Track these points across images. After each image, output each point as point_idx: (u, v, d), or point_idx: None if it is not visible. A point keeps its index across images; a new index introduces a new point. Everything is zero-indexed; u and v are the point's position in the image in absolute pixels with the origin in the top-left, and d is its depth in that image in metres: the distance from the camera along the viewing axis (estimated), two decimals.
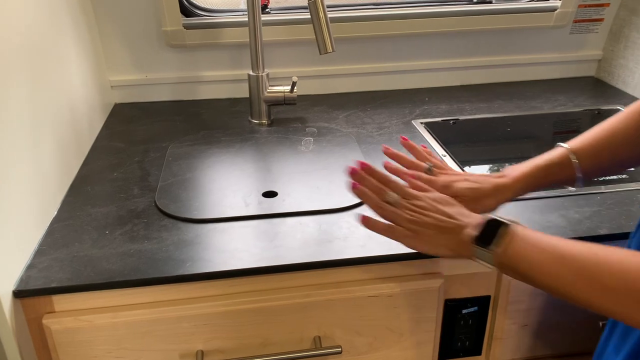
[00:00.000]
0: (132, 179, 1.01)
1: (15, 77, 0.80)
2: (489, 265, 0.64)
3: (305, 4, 1.03)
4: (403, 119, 1.27)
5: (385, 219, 0.73)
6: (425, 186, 0.77)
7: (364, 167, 0.77)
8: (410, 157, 0.87)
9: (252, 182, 0.99)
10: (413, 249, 0.72)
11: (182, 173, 1.02)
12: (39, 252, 0.80)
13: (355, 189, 0.75)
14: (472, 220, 0.67)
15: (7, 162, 0.74)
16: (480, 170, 1.06)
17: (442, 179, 0.80)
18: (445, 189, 0.77)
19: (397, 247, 0.80)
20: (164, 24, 1.24)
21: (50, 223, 0.87)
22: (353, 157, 1.07)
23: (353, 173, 0.76)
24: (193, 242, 0.82)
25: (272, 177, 1.01)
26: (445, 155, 1.08)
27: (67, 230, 0.85)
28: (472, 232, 0.65)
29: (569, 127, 1.25)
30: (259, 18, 1.16)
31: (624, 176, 0.98)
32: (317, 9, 1.01)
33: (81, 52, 1.12)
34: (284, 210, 0.90)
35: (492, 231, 0.62)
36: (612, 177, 0.97)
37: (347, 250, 0.80)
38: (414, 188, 0.75)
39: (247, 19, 1.17)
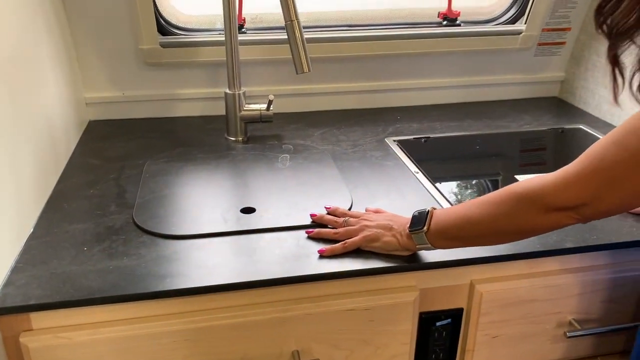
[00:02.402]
0: (108, 195, 1.01)
1: None
2: (427, 245, 0.80)
3: (281, 24, 1.06)
4: (376, 136, 1.30)
5: (342, 238, 0.86)
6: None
7: (326, 209, 0.95)
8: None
9: (230, 198, 1.01)
10: (370, 249, 0.84)
11: (159, 190, 1.03)
12: (16, 269, 0.79)
13: (310, 235, 0.89)
14: (404, 219, 0.85)
15: None
16: (450, 186, 1.09)
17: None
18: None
19: (372, 262, 0.82)
20: (141, 42, 1.25)
21: (27, 240, 0.87)
22: (329, 173, 1.10)
23: (312, 217, 0.93)
24: (172, 258, 0.83)
25: (249, 194, 1.03)
26: (417, 172, 1.12)
27: (45, 247, 0.85)
28: (407, 225, 0.82)
29: (535, 145, 1.30)
30: (236, 37, 1.18)
31: None
32: (294, 30, 1.04)
33: (57, 69, 1.12)
34: (262, 226, 0.91)
35: (419, 218, 0.81)
36: None
37: (324, 265, 0.82)
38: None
39: (223, 38, 1.19)
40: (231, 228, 0.90)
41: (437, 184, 1.07)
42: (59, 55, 1.14)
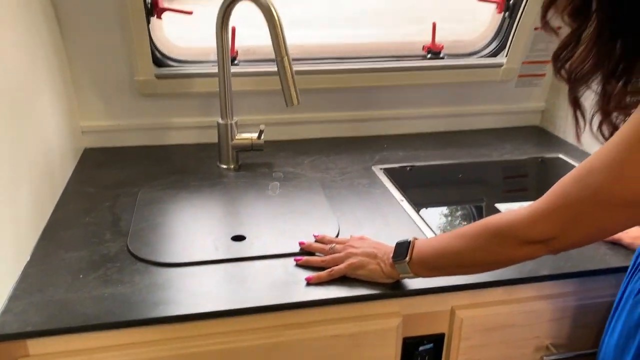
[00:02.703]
0: (103, 223, 1.04)
1: None
2: (410, 274, 0.84)
3: (272, 56, 1.11)
4: (364, 164, 1.35)
5: (329, 265, 0.89)
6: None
7: (315, 236, 0.99)
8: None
9: (221, 226, 1.05)
10: (355, 277, 0.88)
11: (153, 218, 1.06)
12: (14, 297, 0.82)
13: (298, 262, 0.93)
14: (387, 247, 0.88)
15: None
16: (434, 213, 1.14)
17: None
18: None
19: (357, 290, 0.86)
20: (137, 74, 1.30)
21: (24, 268, 0.90)
22: (317, 200, 1.14)
23: (301, 245, 0.97)
24: (165, 285, 0.86)
25: (240, 221, 1.07)
26: (402, 200, 1.16)
27: (42, 274, 0.88)
28: (390, 254, 0.86)
29: (515, 173, 1.36)
30: (229, 69, 1.24)
31: None
32: (284, 66, 1.09)
33: (55, 99, 1.17)
34: (252, 253, 0.95)
35: (401, 248, 0.85)
36: None
37: (311, 292, 0.86)
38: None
39: (217, 70, 1.24)
40: (222, 256, 0.94)
41: (421, 212, 1.11)
42: (56, 85, 1.18)
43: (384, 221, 1.08)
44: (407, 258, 0.83)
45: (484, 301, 0.92)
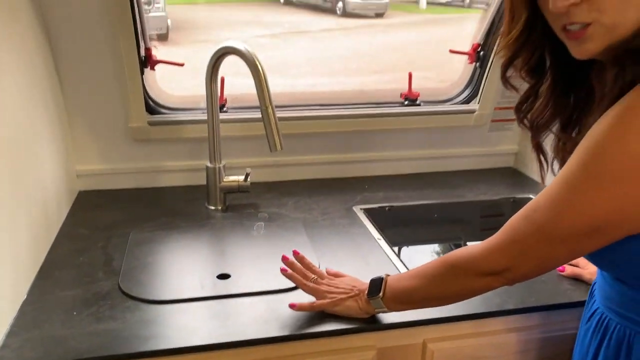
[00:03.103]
0: (96, 263, 1.10)
1: None
2: (384, 309, 0.90)
3: (259, 104, 1.19)
4: (345, 205, 1.42)
5: (309, 293, 0.96)
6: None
7: (295, 253, 1.02)
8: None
9: (208, 265, 1.11)
10: (334, 313, 0.93)
11: (143, 257, 1.12)
12: (11, 333, 0.88)
13: (284, 272, 0.98)
14: (364, 285, 0.94)
15: None
16: (410, 251, 1.21)
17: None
18: None
19: (334, 324, 0.92)
20: (131, 121, 1.38)
21: (21, 305, 0.95)
22: (299, 240, 1.21)
23: (284, 260, 1.00)
24: (154, 321, 0.92)
25: (226, 260, 1.13)
26: (380, 239, 1.23)
27: (38, 312, 0.93)
28: (365, 292, 0.92)
29: (489, 212, 1.43)
30: (217, 116, 1.32)
31: None
32: (268, 115, 1.18)
33: (53, 144, 1.24)
34: (236, 291, 1.01)
35: (375, 285, 0.91)
36: None
37: (291, 327, 0.92)
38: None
39: (206, 117, 1.32)
40: (208, 293, 1.00)
41: (397, 250, 1.18)
42: (55, 131, 1.26)
43: (363, 259, 1.15)
44: (381, 294, 0.90)
45: (455, 334, 0.99)
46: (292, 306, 0.94)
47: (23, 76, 1.07)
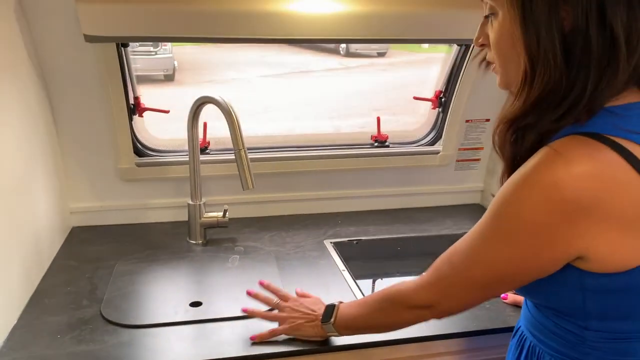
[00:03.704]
0: (82, 292, 1.22)
1: None
2: (335, 333, 1.01)
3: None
4: (317, 238, 1.53)
5: (271, 320, 1.07)
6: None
7: (260, 284, 1.16)
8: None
9: (182, 293, 1.22)
10: (294, 337, 1.04)
11: (125, 287, 1.24)
12: (1, 353, 0.99)
13: (245, 311, 1.10)
14: (315, 307, 1.05)
15: None
16: (369, 282, 1.31)
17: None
18: None
19: (290, 347, 1.02)
20: (120, 163, 1.51)
21: (12, 330, 1.06)
22: (269, 271, 1.32)
23: (249, 294, 1.12)
24: (130, 344, 1.03)
25: (200, 290, 1.24)
26: (344, 270, 1.34)
27: (26, 335, 1.05)
28: (319, 317, 1.03)
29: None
30: (198, 158, 1.45)
31: None
32: (241, 156, 1.31)
33: (48, 184, 1.37)
34: (207, 317, 1.12)
35: (328, 312, 1.02)
36: None
37: (253, 349, 1.02)
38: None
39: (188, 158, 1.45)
40: (180, 319, 1.11)
41: (358, 281, 1.29)
42: (50, 172, 1.39)
43: (325, 288, 1.25)
44: (332, 320, 1.00)
45: (401, 356, 1.08)
46: (252, 338, 1.05)
47: (22, 123, 1.21)
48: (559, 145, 0.70)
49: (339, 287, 1.26)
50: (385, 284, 1.32)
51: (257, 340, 1.05)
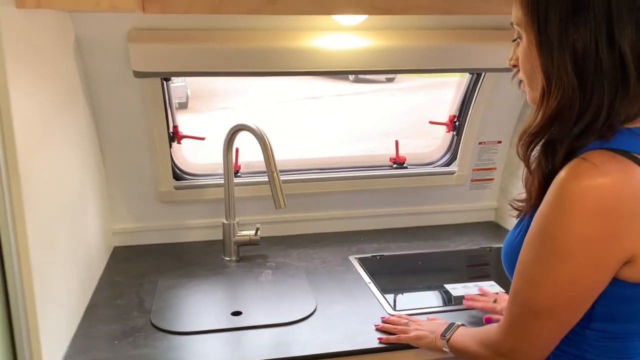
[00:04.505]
0: (131, 304, 1.33)
1: (60, 227, 1.16)
2: (446, 349, 1.07)
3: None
4: (342, 255, 1.64)
5: (403, 342, 1.16)
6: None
7: (383, 319, 1.25)
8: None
9: (223, 304, 1.33)
10: (418, 346, 1.14)
11: (170, 299, 1.35)
12: (67, 357, 1.10)
13: (381, 339, 1.18)
14: (441, 327, 1.12)
15: (48, 297, 1.08)
16: (398, 293, 1.41)
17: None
18: None
19: (321, 349, 1.13)
20: (160, 186, 1.64)
21: (73, 337, 1.18)
22: (301, 284, 1.42)
23: (378, 328, 1.22)
24: (180, 348, 1.14)
25: (238, 301, 1.35)
26: (370, 283, 1.44)
27: (87, 342, 1.16)
28: (440, 332, 1.10)
29: (472, 262, 1.64)
30: (232, 181, 1.57)
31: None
32: (274, 179, 1.43)
33: (96, 207, 1.49)
34: (247, 324, 1.22)
35: (448, 328, 1.09)
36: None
37: (298, 350, 1.12)
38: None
39: (223, 181, 1.57)
40: (223, 326, 1.22)
41: (385, 293, 1.39)
42: (97, 197, 1.52)
43: (353, 300, 1.36)
44: (448, 337, 1.07)
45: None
46: (380, 339, 1.18)
47: (76, 150, 1.34)
48: (592, 157, 0.76)
49: (366, 298, 1.36)
50: (409, 297, 1.41)
51: (383, 341, 1.17)
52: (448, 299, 1.38)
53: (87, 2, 0.94)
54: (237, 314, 1.28)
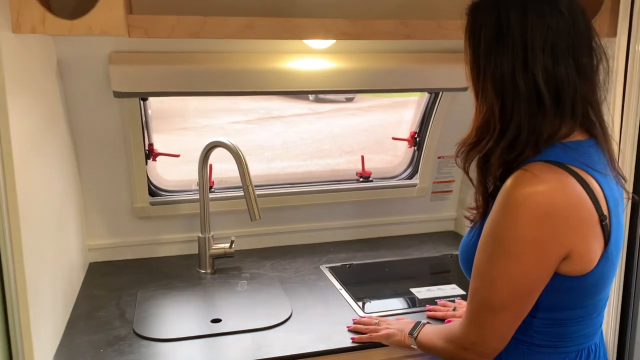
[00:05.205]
0: (113, 316, 1.37)
1: (48, 241, 1.20)
2: (414, 346, 1.14)
3: (239, 184, 1.52)
4: (313, 265, 1.72)
5: (375, 340, 1.23)
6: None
7: (355, 321, 1.32)
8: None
9: (202, 313, 1.39)
10: (387, 344, 1.21)
11: (150, 309, 1.40)
12: None
13: (354, 339, 1.25)
14: (408, 325, 1.18)
15: (39, 310, 1.12)
16: (366, 297, 1.50)
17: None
18: None
19: (295, 350, 1.20)
20: (135, 202, 1.69)
21: (58, 347, 1.21)
22: (276, 292, 1.50)
23: (350, 329, 1.30)
24: (164, 354, 1.19)
25: (217, 309, 1.41)
26: (341, 289, 1.53)
27: (72, 351, 1.20)
28: (408, 330, 1.16)
29: (432, 268, 1.75)
30: (207, 196, 1.64)
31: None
32: (249, 192, 1.50)
33: (75, 223, 1.53)
34: (228, 330, 1.29)
35: (415, 326, 1.16)
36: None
37: (275, 352, 1.20)
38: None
39: (198, 197, 1.64)
40: (204, 332, 1.28)
41: (356, 298, 1.48)
42: (75, 212, 1.55)
43: (326, 305, 1.44)
44: (415, 334, 1.14)
45: (397, 356, 1.27)
46: (352, 339, 1.25)
47: (59, 167, 1.39)
48: (532, 168, 0.88)
49: (338, 303, 1.45)
50: (378, 301, 1.50)
51: (356, 340, 1.24)
52: (414, 301, 1.48)
53: (80, 28, 1.01)
54: (216, 321, 1.34)
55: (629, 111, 1.27)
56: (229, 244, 1.67)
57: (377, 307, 1.45)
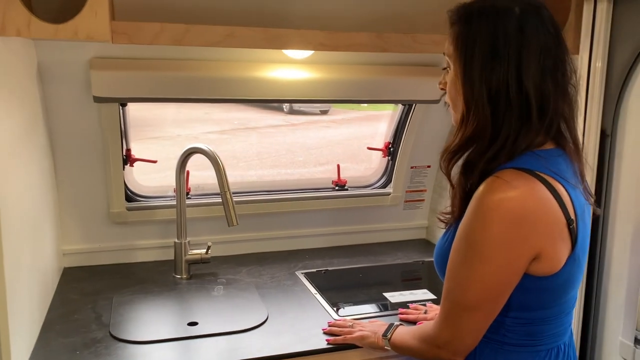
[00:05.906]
0: (89, 319, 1.38)
1: (24, 244, 1.21)
2: (388, 347, 1.17)
3: (217, 190, 1.55)
4: (289, 270, 1.75)
5: (350, 342, 1.27)
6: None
7: (330, 324, 1.35)
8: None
9: (179, 316, 1.41)
10: (361, 345, 1.25)
11: (127, 313, 1.41)
12: None
13: (329, 341, 1.28)
14: (382, 327, 1.22)
15: (14, 314, 1.12)
16: (341, 302, 1.53)
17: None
18: None
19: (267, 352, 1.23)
20: (112, 207, 1.69)
21: (33, 349, 1.21)
22: (252, 297, 1.52)
23: (325, 331, 1.33)
24: (141, 356, 1.21)
25: (193, 313, 1.43)
26: (316, 294, 1.56)
27: (48, 354, 1.20)
28: (381, 332, 1.19)
29: (405, 274, 1.80)
30: (184, 202, 1.66)
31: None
32: (227, 198, 1.53)
33: (48, 228, 1.53)
34: (205, 333, 1.31)
35: (388, 328, 1.19)
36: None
37: (250, 353, 1.22)
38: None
39: (174, 202, 1.65)
40: (181, 335, 1.29)
41: (331, 302, 1.51)
42: (50, 217, 1.55)
43: (302, 309, 1.47)
44: (389, 336, 1.18)
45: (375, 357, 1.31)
46: (328, 341, 1.27)
47: (36, 170, 1.39)
48: (504, 175, 0.92)
49: (314, 307, 1.48)
50: (352, 305, 1.54)
51: (331, 342, 1.27)
52: (387, 305, 1.52)
53: (65, 32, 1.03)
54: (193, 324, 1.36)
55: (590, 126, 1.35)
56: (205, 250, 1.69)
57: (352, 311, 1.48)
